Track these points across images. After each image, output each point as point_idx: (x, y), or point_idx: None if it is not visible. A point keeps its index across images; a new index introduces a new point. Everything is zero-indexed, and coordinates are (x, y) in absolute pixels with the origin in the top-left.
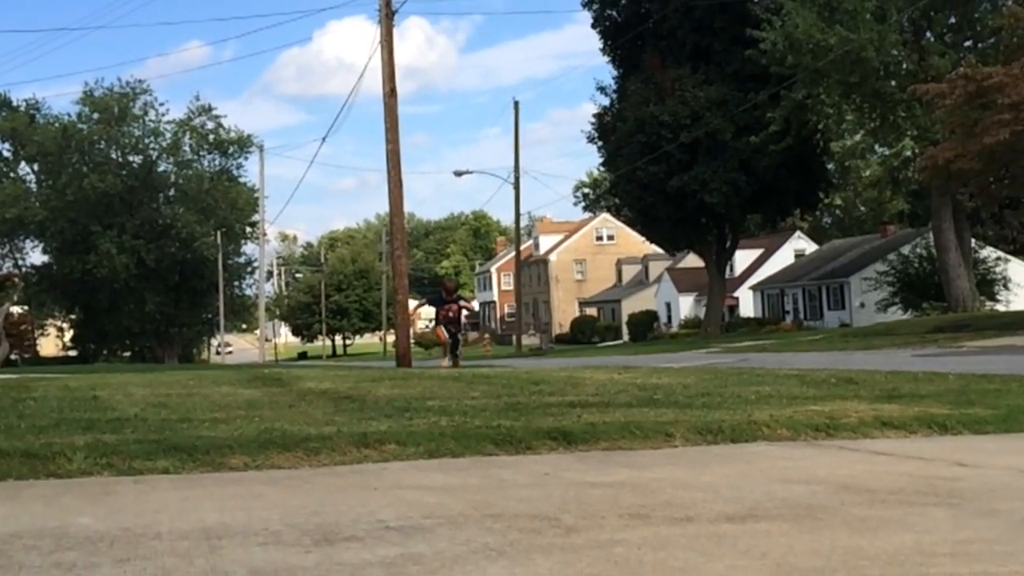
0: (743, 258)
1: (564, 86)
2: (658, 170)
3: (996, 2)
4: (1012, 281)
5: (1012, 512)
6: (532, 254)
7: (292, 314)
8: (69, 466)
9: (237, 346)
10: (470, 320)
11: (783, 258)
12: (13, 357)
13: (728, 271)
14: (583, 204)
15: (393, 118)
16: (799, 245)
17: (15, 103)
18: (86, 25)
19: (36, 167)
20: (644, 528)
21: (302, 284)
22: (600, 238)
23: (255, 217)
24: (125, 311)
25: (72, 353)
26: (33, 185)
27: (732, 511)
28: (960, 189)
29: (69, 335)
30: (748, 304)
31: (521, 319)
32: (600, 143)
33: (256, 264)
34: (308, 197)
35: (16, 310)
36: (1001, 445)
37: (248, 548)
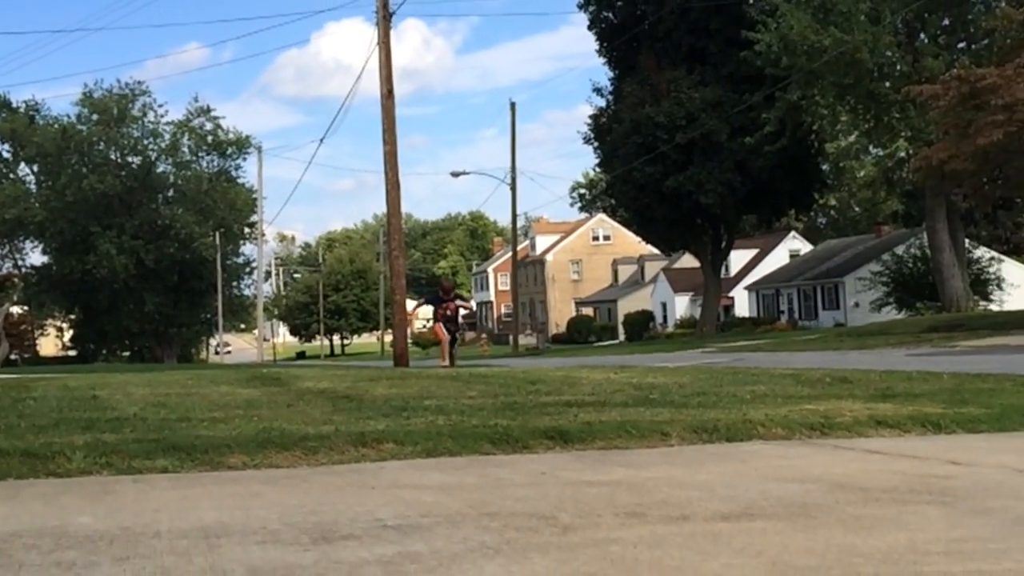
0: (738, 258)
1: (560, 87)
2: (654, 171)
3: (989, 4)
4: (1006, 281)
5: (1005, 510)
6: (529, 254)
7: (290, 314)
8: (69, 465)
9: (236, 346)
10: (467, 319)
11: (778, 258)
12: (13, 357)
13: (723, 271)
14: (579, 205)
15: (390, 119)
16: (794, 245)
17: (15, 104)
18: (85, 26)
19: (36, 168)
20: (640, 527)
21: (300, 284)
22: (596, 238)
23: (253, 218)
24: (124, 311)
25: (72, 353)
26: (33, 186)
27: (728, 510)
28: (954, 190)
29: (69, 335)
30: (743, 304)
31: (518, 319)
32: (596, 144)
33: (255, 264)
34: (306, 198)
35: (16, 310)
36: (994, 444)
37: (246, 547)
